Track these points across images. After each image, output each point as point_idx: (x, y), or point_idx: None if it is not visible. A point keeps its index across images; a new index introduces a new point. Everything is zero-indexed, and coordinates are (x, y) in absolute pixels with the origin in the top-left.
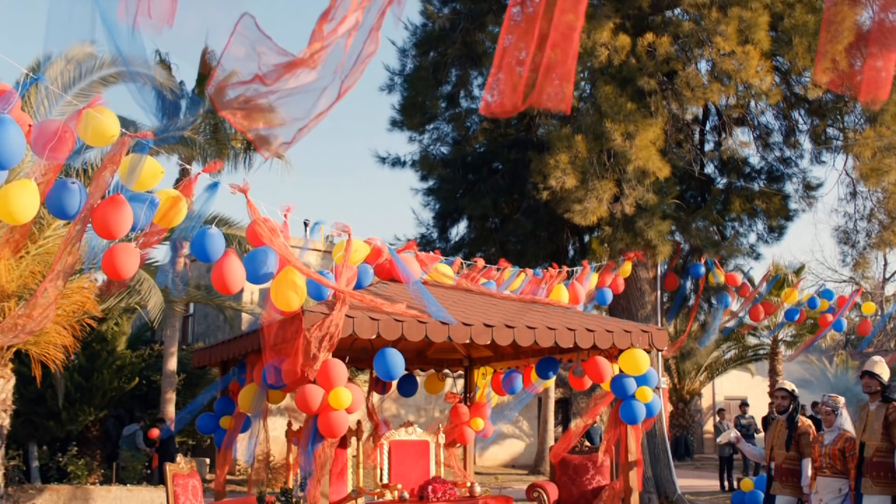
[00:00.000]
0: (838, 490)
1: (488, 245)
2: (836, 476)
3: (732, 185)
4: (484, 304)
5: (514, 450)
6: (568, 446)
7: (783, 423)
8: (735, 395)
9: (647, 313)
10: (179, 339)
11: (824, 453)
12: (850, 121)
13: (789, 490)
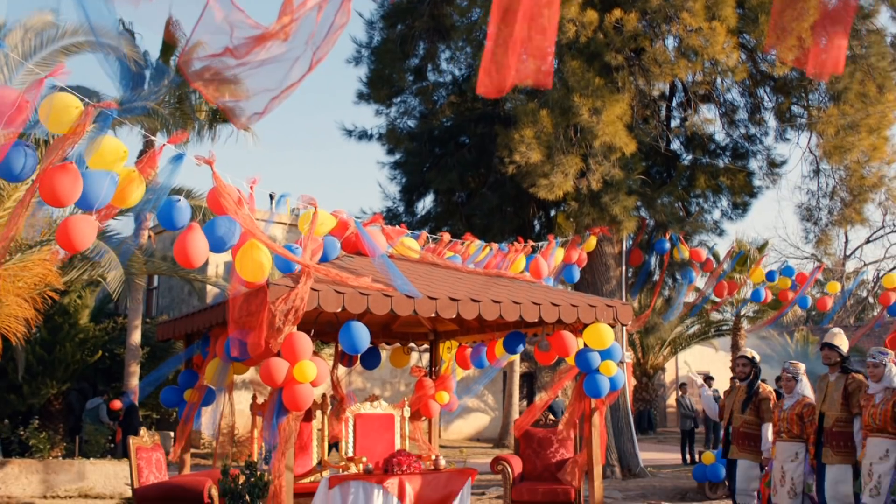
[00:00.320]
0: (795, 454)
1: (454, 219)
2: (794, 440)
3: (698, 162)
4: (449, 278)
5: (479, 423)
6: (532, 420)
7: (743, 388)
8: (698, 370)
9: (612, 288)
10: (143, 312)
11: (783, 418)
12: (814, 99)
13: (746, 454)
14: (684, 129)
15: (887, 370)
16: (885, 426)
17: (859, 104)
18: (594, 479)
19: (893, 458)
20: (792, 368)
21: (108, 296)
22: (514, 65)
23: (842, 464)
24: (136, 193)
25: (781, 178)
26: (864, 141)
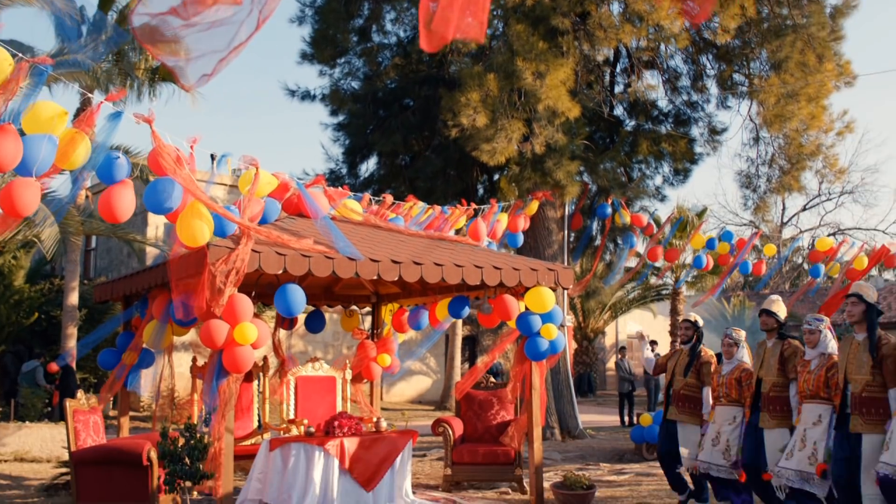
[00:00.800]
0: (733, 417)
1: (398, 182)
2: (732, 404)
3: (640, 128)
4: (392, 241)
5: (421, 386)
6: (472, 382)
7: (686, 351)
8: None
9: (554, 252)
10: (81, 274)
11: (722, 382)
12: (755, 67)
13: (686, 416)
14: (627, 95)
15: (822, 336)
16: (818, 392)
17: (799, 73)
18: (534, 440)
19: (826, 422)
20: (734, 334)
21: (44, 257)
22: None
23: (779, 427)
24: (80, 153)
25: (722, 145)
26: (802, 110)
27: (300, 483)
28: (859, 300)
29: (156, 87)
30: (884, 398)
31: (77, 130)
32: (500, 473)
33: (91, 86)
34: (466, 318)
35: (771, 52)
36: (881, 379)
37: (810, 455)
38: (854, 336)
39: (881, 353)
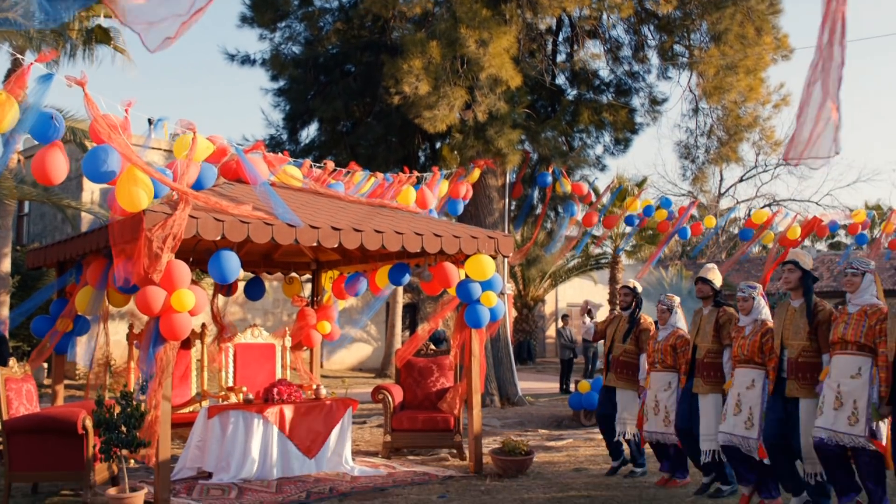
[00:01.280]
0: (668, 383)
1: (339, 148)
2: (667, 370)
3: (582, 97)
4: (332, 208)
5: (362, 353)
6: (413, 350)
7: (625, 318)
8: (577, 302)
9: (495, 220)
10: (13, 239)
11: (657, 349)
12: (696, 38)
13: (624, 382)
14: (570, 65)
15: (756, 303)
16: (752, 357)
17: (738, 45)
18: (473, 407)
19: (759, 387)
20: (667, 300)
21: None
22: None
23: (712, 392)
24: (10, 116)
25: (662, 115)
26: (741, 82)
27: (239, 451)
28: (796, 267)
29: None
30: (819, 363)
31: (4, 93)
32: (440, 440)
33: (22, 46)
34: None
35: (711, 24)
36: (817, 345)
37: (746, 420)
38: (790, 302)
39: (817, 320)
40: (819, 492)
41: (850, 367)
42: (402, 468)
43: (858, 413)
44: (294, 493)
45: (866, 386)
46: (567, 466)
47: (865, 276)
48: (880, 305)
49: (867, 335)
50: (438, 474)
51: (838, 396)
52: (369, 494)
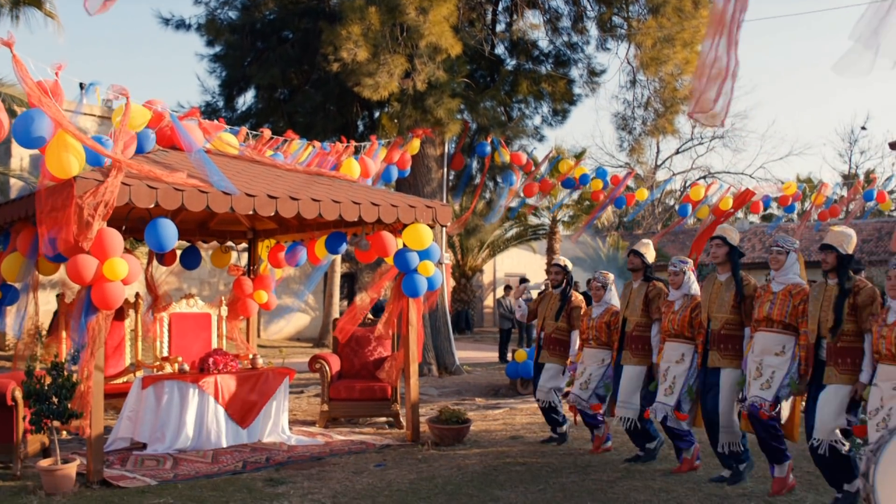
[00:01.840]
0: (601, 360)
1: (276, 116)
2: (601, 347)
3: (521, 67)
4: (269, 176)
5: (300, 323)
6: (355, 323)
7: (557, 296)
8: (515, 272)
9: (433, 190)
10: None
11: (591, 326)
12: (634, 10)
13: (556, 358)
14: (509, 34)
15: (686, 277)
16: (682, 331)
17: (676, 18)
18: (410, 376)
19: (688, 360)
20: (601, 277)
21: None
22: None
23: (639, 365)
24: None
25: (600, 87)
26: (678, 54)
27: (174, 421)
28: (723, 242)
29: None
30: (740, 335)
31: None
32: (377, 409)
33: None
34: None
35: None
36: (740, 318)
37: (667, 388)
38: (717, 276)
39: (744, 294)
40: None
41: (774, 344)
42: (340, 437)
43: (773, 382)
44: (230, 463)
45: (788, 362)
46: (503, 434)
47: (790, 255)
48: (803, 286)
49: (791, 315)
50: (375, 443)
51: (759, 368)
52: (306, 464)
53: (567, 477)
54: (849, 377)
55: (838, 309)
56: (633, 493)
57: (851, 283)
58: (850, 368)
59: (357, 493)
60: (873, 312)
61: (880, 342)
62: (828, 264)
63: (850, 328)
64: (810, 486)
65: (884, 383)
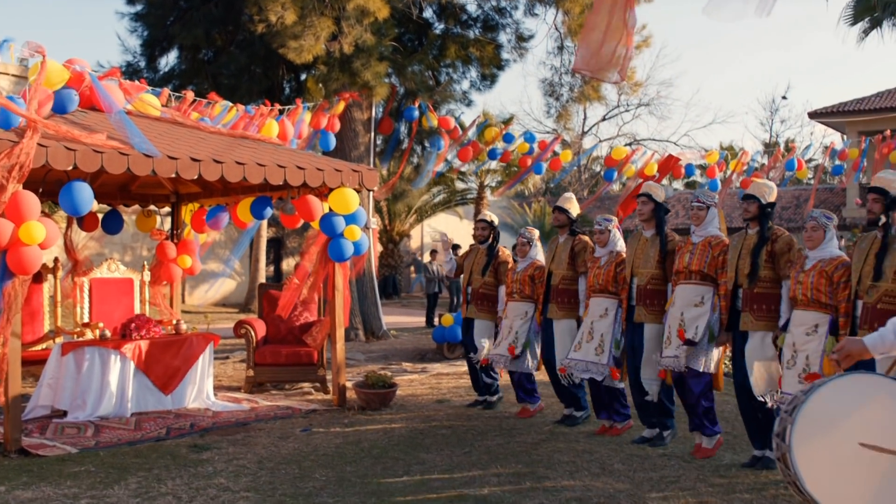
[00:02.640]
0: (525, 313)
1: (200, 78)
2: (524, 300)
3: (449, 31)
4: (192, 138)
5: (226, 289)
6: (293, 299)
7: (483, 251)
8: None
9: (360, 154)
10: None
11: (515, 279)
12: None
13: (484, 314)
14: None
15: (611, 235)
16: (607, 286)
17: None
18: (336, 341)
19: (612, 315)
20: (527, 234)
21: None
22: None
23: (566, 318)
24: None
25: (528, 52)
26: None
27: (95, 388)
28: (649, 199)
29: None
30: (665, 290)
31: None
32: (304, 374)
33: None
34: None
35: None
36: (664, 273)
37: (597, 346)
38: (642, 232)
39: (668, 249)
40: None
41: (693, 295)
42: (265, 402)
43: (697, 335)
44: (153, 430)
45: (707, 313)
46: (430, 398)
47: (710, 210)
48: (722, 237)
49: (710, 265)
50: (302, 408)
51: (681, 324)
52: (231, 429)
53: (492, 440)
54: (765, 324)
55: (756, 255)
56: (557, 454)
57: (770, 231)
58: (766, 315)
59: (283, 457)
60: (791, 259)
61: (797, 288)
62: (749, 213)
63: (767, 275)
64: (727, 446)
65: (797, 329)
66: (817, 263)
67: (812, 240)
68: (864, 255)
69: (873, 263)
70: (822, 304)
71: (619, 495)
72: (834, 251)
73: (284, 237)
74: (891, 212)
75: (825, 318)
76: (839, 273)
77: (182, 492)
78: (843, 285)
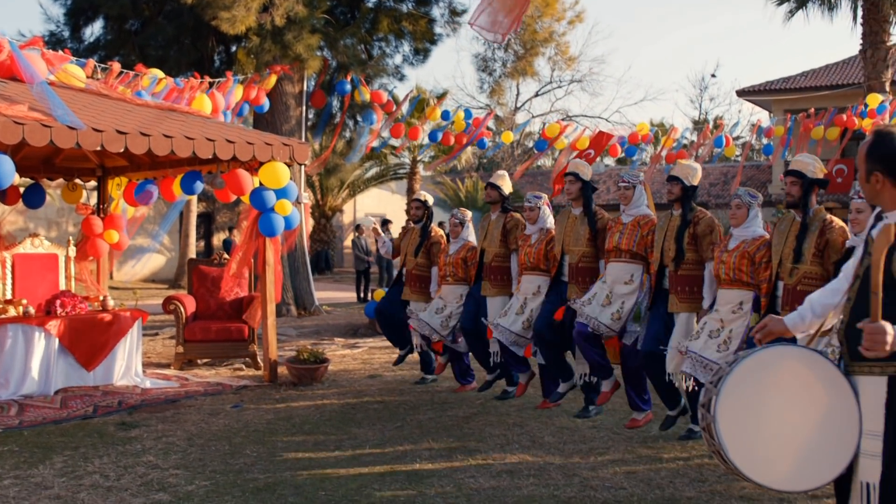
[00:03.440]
0: (459, 296)
1: (126, 49)
2: (458, 283)
3: (382, 5)
4: (118, 110)
5: (155, 264)
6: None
7: (417, 231)
8: (375, 213)
9: (292, 128)
10: None
11: (448, 262)
12: None
13: (417, 295)
14: None
15: (541, 212)
16: (538, 264)
17: None
18: (268, 316)
19: (544, 292)
20: (459, 214)
21: None
22: None
23: (499, 295)
24: None
25: (461, 27)
26: None
27: (19, 365)
28: (576, 178)
29: None
30: (596, 268)
31: None
32: (234, 350)
33: None
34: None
35: None
36: (595, 250)
37: (525, 320)
38: (571, 210)
39: (598, 227)
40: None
41: (623, 273)
42: (196, 379)
43: (622, 313)
44: (80, 408)
45: (636, 292)
46: (362, 374)
47: (637, 188)
48: (651, 216)
49: (639, 244)
50: (232, 384)
51: (609, 296)
52: (160, 406)
53: (424, 414)
54: (688, 305)
55: (679, 238)
56: (489, 427)
57: (693, 213)
58: (689, 297)
59: (213, 434)
60: (713, 241)
61: (720, 267)
62: (673, 195)
63: (690, 257)
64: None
65: (723, 307)
66: (740, 244)
67: (736, 217)
68: (784, 237)
69: (793, 245)
70: (745, 283)
71: (549, 467)
72: (757, 230)
73: (215, 212)
74: (808, 194)
75: (749, 296)
76: (761, 253)
77: (110, 470)
78: (764, 265)
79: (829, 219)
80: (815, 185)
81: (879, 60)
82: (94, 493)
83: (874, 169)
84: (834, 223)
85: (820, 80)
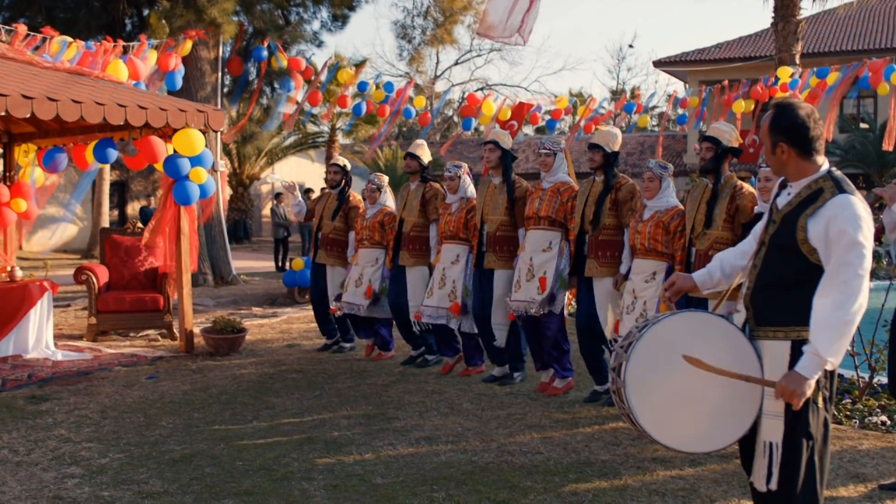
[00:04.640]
0: (375, 259)
1: (32, 10)
2: (374, 247)
3: None
4: (24, 74)
5: (67, 234)
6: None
7: (334, 196)
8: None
9: (207, 94)
10: None
11: (365, 226)
12: None
13: (333, 259)
14: None
15: (462, 182)
16: (457, 233)
17: None
18: (183, 286)
19: (463, 261)
20: (376, 179)
21: None
22: None
23: (417, 265)
24: None
25: None
26: None
27: None
28: (496, 146)
29: None
30: (515, 237)
31: None
32: (149, 320)
33: None
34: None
35: None
36: (513, 220)
37: (450, 293)
38: (491, 179)
39: (515, 196)
40: (513, 357)
41: (541, 241)
42: (109, 351)
43: (547, 283)
44: None
45: (555, 258)
46: (280, 343)
47: (557, 156)
48: (571, 183)
49: (558, 211)
50: (148, 355)
51: (530, 269)
52: (73, 379)
53: (343, 382)
54: (608, 269)
55: (600, 203)
56: (407, 395)
57: (615, 179)
58: (610, 261)
59: (127, 406)
60: (633, 208)
61: (636, 237)
62: (595, 162)
63: (610, 222)
64: None
65: (636, 276)
66: (655, 214)
67: (649, 190)
68: (697, 204)
69: (705, 211)
70: (659, 253)
71: (467, 433)
72: (671, 200)
73: (129, 180)
74: (722, 161)
75: (662, 266)
76: (675, 223)
77: (19, 444)
78: (678, 234)
79: (740, 185)
80: (729, 152)
81: (790, 33)
82: (2, 469)
83: (779, 140)
84: (744, 189)
85: (734, 51)
